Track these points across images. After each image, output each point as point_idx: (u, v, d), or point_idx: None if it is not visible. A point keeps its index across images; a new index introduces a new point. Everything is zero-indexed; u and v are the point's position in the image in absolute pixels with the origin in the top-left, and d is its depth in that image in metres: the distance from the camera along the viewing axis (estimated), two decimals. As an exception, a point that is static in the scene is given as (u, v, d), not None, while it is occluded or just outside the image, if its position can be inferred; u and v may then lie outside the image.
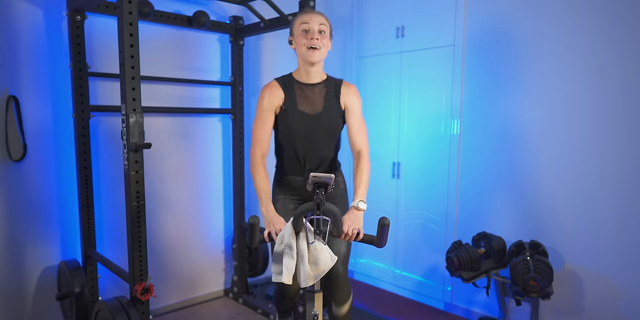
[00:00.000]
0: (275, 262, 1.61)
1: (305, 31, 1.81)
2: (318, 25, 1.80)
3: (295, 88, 1.91)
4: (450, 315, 3.13)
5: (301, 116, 1.89)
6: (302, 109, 1.90)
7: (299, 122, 1.89)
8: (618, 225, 2.41)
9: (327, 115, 1.91)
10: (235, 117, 3.20)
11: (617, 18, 2.35)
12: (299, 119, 1.89)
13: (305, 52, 1.82)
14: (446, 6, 3.03)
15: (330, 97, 1.92)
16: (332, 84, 1.94)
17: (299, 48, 1.85)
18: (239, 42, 3.18)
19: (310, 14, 1.83)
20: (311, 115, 1.90)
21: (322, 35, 1.82)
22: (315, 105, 1.91)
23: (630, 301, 2.39)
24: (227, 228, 3.41)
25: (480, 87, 2.92)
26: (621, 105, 2.37)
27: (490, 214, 2.92)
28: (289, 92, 1.90)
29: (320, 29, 1.81)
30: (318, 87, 1.92)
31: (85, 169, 2.52)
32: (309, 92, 1.91)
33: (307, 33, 1.81)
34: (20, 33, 2.40)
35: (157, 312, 3.04)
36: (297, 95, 1.90)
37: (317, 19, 1.81)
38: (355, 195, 1.79)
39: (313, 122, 1.90)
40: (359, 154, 1.89)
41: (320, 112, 1.90)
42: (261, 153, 1.85)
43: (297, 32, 1.84)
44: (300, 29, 1.82)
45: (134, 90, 1.95)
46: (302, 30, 1.81)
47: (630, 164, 2.35)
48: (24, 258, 2.51)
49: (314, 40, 1.80)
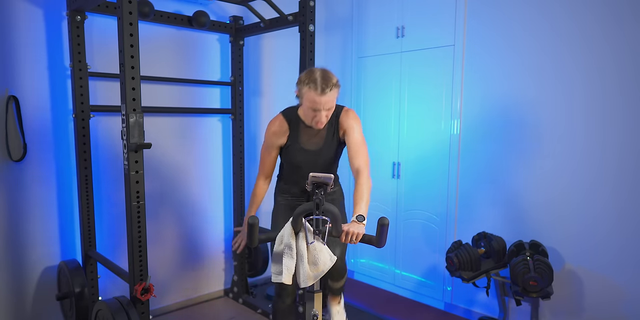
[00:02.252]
0: (275, 262, 1.61)
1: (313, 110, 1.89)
2: (327, 107, 1.88)
3: (300, 127, 2.04)
4: (450, 315, 3.13)
5: (303, 153, 2.05)
6: (304, 146, 2.05)
7: (301, 158, 2.05)
8: (618, 225, 2.41)
9: (327, 150, 2.05)
10: (235, 117, 3.20)
11: (617, 18, 2.35)
12: (301, 155, 2.05)
13: (311, 122, 1.95)
14: (446, 6, 3.03)
15: (329, 132, 2.04)
16: (333, 117, 2.02)
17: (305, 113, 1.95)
18: (239, 42, 3.18)
19: (321, 98, 1.84)
20: (313, 151, 2.05)
21: (329, 111, 1.92)
22: (317, 142, 2.05)
23: (630, 301, 2.39)
24: (227, 228, 3.41)
25: (480, 87, 2.92)
26: (621, 105, 2.37)
27: (490, 214, 2.92)
28: (293, 130, 2.04)
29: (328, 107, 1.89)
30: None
31: (85, 169, 2.52)
32: (313, 131, 2.04)
33: (314, 111, 1.89)
34: (21, 33, 2.40)
35: (157, 312, 3.04)
36: (300, 134, 2.04)
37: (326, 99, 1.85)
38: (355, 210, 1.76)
39: (314, 156, 2.05)
40: (357, 172, 1.90)
41: (321, 148, 2.05)
42: (264, 177, 2.15)
43: (305, 103, 1.90)
44: (308, 104, 1.88)
45: (134, 90, 1.95)
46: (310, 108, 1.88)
47: (630, 164, 2.35)
48: (24, 258, 2.51)
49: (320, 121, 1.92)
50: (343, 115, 2.03)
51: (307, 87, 1.85)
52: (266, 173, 2.14)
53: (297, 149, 2.04)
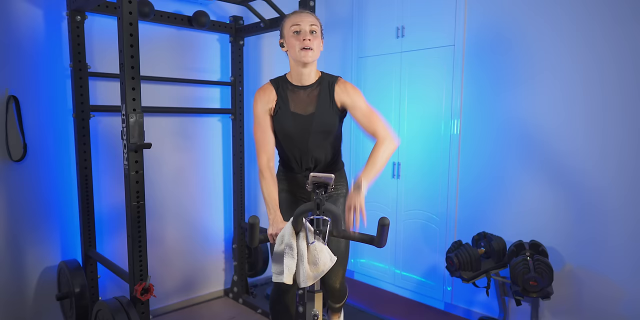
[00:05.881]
0: (275, 262, 1.61)
1: (296, 32, 1.79)
2: (309, 26, 1.79)
3: (288, 90, 1.91)
4: (450, 315, 3.13)
5: (294, 117, 1.89)
6: (295, 110, 1.89)
7: (292, 124, 1.89)
8: (618, 225, 2.41)
9: (320, 115, 1.89)
10: (235, 117, 3.20)
11: (617, 18, 2.35)
12: (292, 120, 1.89)
13: (298, 53, 1.79)
14: (446, 6, 3.03)
15: (323, 96, 1.89)
16: (325, 83, 1.91)
17: (291, 50, 1.82)
18: (239, 42, 3.18)
19: (300, 14, 1.82)
20: (304, 115, 1.89)
21: (313, 36, 1.80)
22: (308, 106, 1.89)
23: (630, 301, 2.39)
24: (227, 228, 3.41)
25: (480, 87, 2.92)
26: (621, 104, 2.37)
27: (490, 214, 2.92)
28: (281, 94, 1.90)
29: (311, 29, 1.79)
30: (311, 88, 1.90)
31: (85, 169, 2.52)
32: (302, 93, 1.90)
33: (298, 34, 1.79)
34: (21, 33, 2.40)
35: (157, 312, 3.04)
36: (289, 97, 1.90)
37: (307, 19, 1.80)
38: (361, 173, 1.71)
39: (306, 123, 1.89)
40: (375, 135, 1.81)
41: (312, 113, 1.89)
42: (266, 157, 1.86)
43: (288, 34, 1.82)
44: (291, 30, 1.80)
45: (134, 90, 1.95)
46: (293, 32, 1.80)
47: (631, 164, 2.35)
48: (24, 258, 2.51)
49: (307, 41, 1.78)
50: (340, 85, 1.90)
51: (287, 19, 1.84)
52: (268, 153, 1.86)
53: (287, 113, 1.88)
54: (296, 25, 1.79)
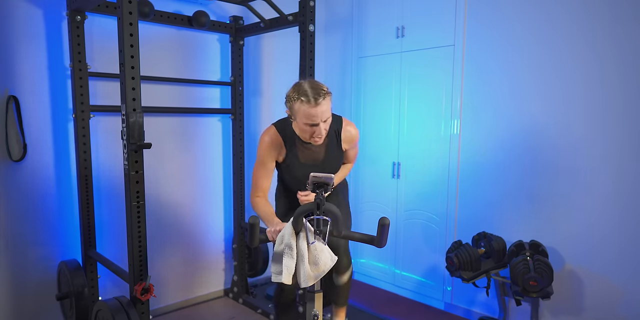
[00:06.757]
0: (275, 262, 1.61)
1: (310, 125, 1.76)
2: (323, 122, 1.75)
3: (297, 144, 1.93)
4: (450, 315, 3.13)
5: (304, 168, 1.95)
6: (305, 161, 1.96)
7: (301, 173, 1.95)
8: (618, 226, 2.41)
9: (328, 162, 1.99)
10: (235, 117, 3.20)
11: (617, 17, 2.35)
12: (302, 170, 1.95)
13: (309, 139, 1.82)
14: (446, 6, 3.03)
15: (331, 146, 1.97)
16: (332, 132, 1.95)
17: (301, 130, 1.81)
18: (239, 42, 3.17)
19: (316, 109, 1.71)
20: (313, 164, 1.97)
21: (325, 124, 1.78)
22: (317, 155, 1.97)
23: (630, 301, 2.39)
24: (227, 228, 3.40)
25: (480, 87, 2.92)
26: (621, 105, 2.37)
27: (490, 214, 2.92)
28: (289, 145, 1.93)
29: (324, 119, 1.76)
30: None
31: (85, 169, 2.52)
32: (312, 147, 1.94)
33: (312, 127, 1.76)
34: (21, 33, 2.40)
35: (157, 312, 3.04)
36: (298, 150, 1.94)
37: (323, 114, 1.73)
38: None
39: (315, 169, 1.93)
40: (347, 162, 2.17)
41: (322, 161, 1.98)
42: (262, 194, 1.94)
43: (300, 119, 1.76)
44: (304, 119, 1.74)
45: (134, 90, 1.95)
46: (307, 123, 1.75)
47: (630, 164, 2.35)
48: (24, 258, 2.51)
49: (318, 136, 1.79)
50: (345, 132, 1.97)
51: (298, 101, 1.71)
52: (264, 192, 1.93)
53: (297, 165, 1.95)
54: (311, 120, 1.73)
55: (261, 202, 1.89)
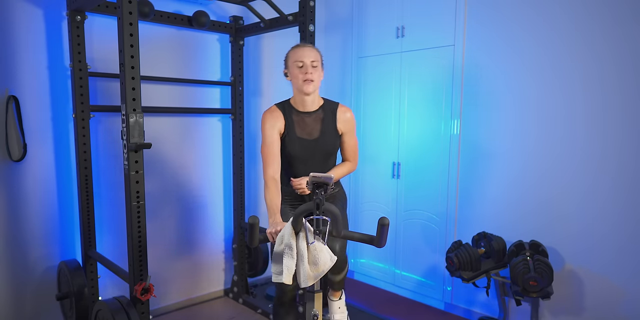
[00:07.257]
0: (275, 262, 1.61)
1: (299, 66, 1.98)
2: (311, 62, 1.96)
3: (294, 115, 2.06)
4: (450, 315, 3.13)
5: (300, 142, 2.04)
6: (301, 135, 2.05)
7: (298, 148, 2.04)
8: (618, 226, 2.41)
9: (323, 140, 2.06)
10: (235, 117, 3.20)
11: (617, 18, 2.35)
12: (298, 145, 2.04)
13: (301, 85, 1.97)
14: (446, 6, 3.03)
15: (327, 122, 2.07)
16: (328, 109, 2.08)
17: (294, 80, 2.00)
18: (239, 42, 3.18)
19: (303, 50, 1.98)
20: (309, 140, 2.05)
21: (315, 69, 1.98)
22: (313, 131, 2.06)
23: (630, 301, 2.39)
24: (227, 228, 3.41)
25: (480, 87, 2.92)
26: (621, 105, 2.37)
27: (490, 214, 2.92)
28: (288, 119, 2.05)
29: (313, 64, 1.97)
30: (315, 114, 2.06)
31: (85, 169, 2.52)
32: (307, 118, 2.06)
33: (301, 68, 1.97)
34: (21, 33, 2.40)
35: (157, 312, 3.04)
36: (295, 122, 2.05)
37: (309, 54, 1.97)
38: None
39: (311, 147, 2.05)
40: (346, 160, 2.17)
41: (317, 138, 2.05)
42: (272, 171, 1.99)
43: (292, 67, 2.00)
44: (295, 64, 1.98)
45: (134, 90, 1.95)
46: (296, 66, 1.98)
47: (630, 164, 2.35)
48: (24, 258, 2.51)
49: (309, 75, 1.96)
50: (341, 113, 2.09)
51: (291, 51, 2.01)
52: (274, 169, 1.97)
53: (294, 139, 2.04)
54: (299, 61, 1.97)
55: (272, 189, 1.94)
